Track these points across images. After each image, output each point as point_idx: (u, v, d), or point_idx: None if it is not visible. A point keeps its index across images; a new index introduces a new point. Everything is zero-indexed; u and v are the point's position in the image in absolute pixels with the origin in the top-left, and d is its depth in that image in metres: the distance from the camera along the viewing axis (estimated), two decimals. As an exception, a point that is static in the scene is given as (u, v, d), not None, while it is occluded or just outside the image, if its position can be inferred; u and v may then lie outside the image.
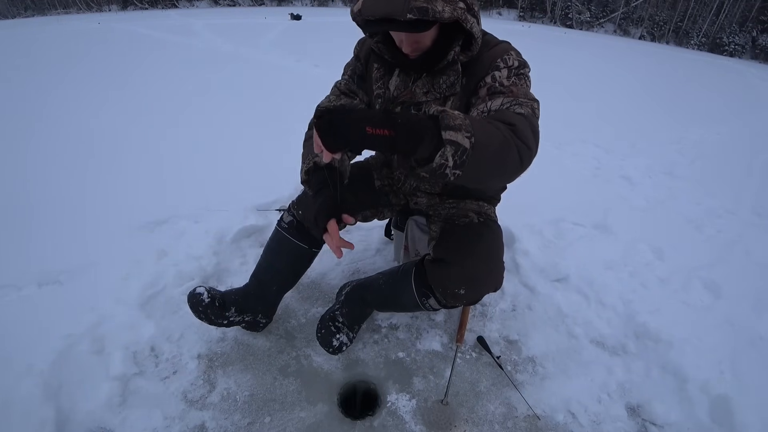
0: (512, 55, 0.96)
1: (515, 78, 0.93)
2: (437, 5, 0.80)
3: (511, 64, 0.94)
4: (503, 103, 0.86)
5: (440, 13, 0.80)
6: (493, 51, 0.97)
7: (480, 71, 0.96)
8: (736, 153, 3.57)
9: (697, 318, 1.52)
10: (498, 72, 0.94)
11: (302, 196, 1.26)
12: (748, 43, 19.68)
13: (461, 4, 0.84)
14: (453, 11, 0.82)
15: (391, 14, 0.80)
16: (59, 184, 2.20)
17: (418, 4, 0.78)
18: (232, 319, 1.25)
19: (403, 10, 0.78)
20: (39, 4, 24.21)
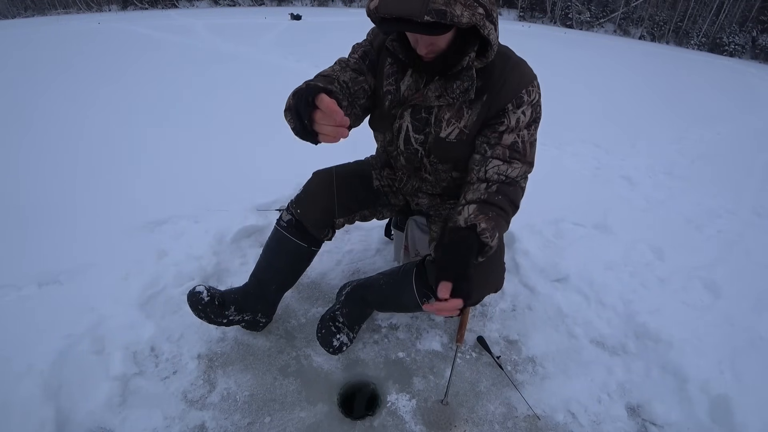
0: (535, 86, 0.99)
1: (533, 128, 1.00)
2: (456, 9, 0.78)
3: (533, 99, 0.98)
4: (518, 175, 0.99)
5: (459, 17, 0.78)
6: (519, 75, 0.97)
7: (505, 95, 0.97)
8: (736, 153, 3.57)
9: (697, 318, 1.52)
10: (523, 115, 0.97)
11: (301, 194, 1.26)
12: (748, 43, 19.67)
13: (480, 10, 0.82)
14: (472, 16, 0.80)
15: (409, 14, 0.78)
16: (59, 184, 2.20)
17: (436, 7, 0.77)
18: (232, 318, 1.25)
19: (421, 12, 0.77)
20: (39, 4, 24.20)
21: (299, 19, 13.58)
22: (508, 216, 0.96)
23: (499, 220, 0.92)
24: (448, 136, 1.04)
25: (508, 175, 0.98)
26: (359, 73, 1.07)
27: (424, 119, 1.06)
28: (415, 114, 1.06)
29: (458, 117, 1.02)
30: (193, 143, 2.84)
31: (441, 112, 1.03)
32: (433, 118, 1.04)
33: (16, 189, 2.15)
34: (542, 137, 3.71)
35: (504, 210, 0.94)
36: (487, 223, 0.87)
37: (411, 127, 1.08)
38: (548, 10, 23.34)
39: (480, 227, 0.86)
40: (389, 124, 1.11)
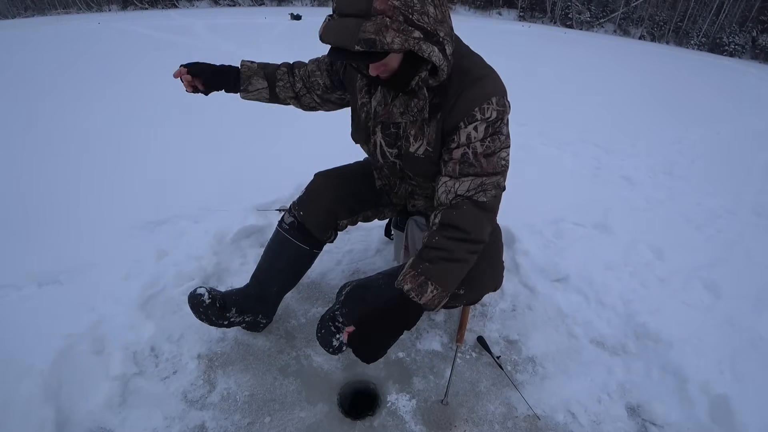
0: (492, 103, 0.92)
1: (489, 140, 0.93)
2: (386, 36, 0.76)
3: (489, 116, 0.92)
4: (469, 189, 0.94)
5: (389, 44, 0.77)
6: (473, 93, 0.92)
7: (456, 113, 0.93)
8: (736, 153, 3.57)
9: (697, 318, 1.52)
10: (474, 131, 0.92)
11: (303, 196, 1.26)
12: (748, 43, 19.67)
13: (416, 33, 0.80)
14: (404, 42, 0.78)
15: (342, 45, 0.79)
16: (59, 184, 2.20)
17: (366, 36, 0.76)
18: (233, 320, 1.25)
19: (351, 42, 0.77)
20: (39, 4, 24.20)
21: (299, 19, 13.59)
22: (454, 253, 0.93)
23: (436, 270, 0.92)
24: (416, 152, 1.04)
25: (456, 191, 0.94)
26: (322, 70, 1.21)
27: (393, 134, 1.07)
28: (384, 130, 1.08)
29: (422, 134, 1.02)
30: (193, 143, 2.84)
31: (408, 128, 1.03)
32: (401, 132, 1.05)
33: (16, 189, 2.14)
34: (542, 137, 3.71)
35: (444, 250, 0.92)
36: (412, 283, 0.91)
37: (383, 142, 1.10)
38: (548, 10, 23.34)
39: (405, 290, 0.92)
40: (366, 137, 1.13)
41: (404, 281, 0.92)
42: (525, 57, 7.70)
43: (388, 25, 0.77)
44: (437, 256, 0.92)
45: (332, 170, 1.30)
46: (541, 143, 3.23)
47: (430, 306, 0.92)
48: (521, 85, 5.32)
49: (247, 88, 1.22)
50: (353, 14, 0.78)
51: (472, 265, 0.97)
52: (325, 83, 1.22)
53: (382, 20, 0.77)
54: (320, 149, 1.59)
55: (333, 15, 0.83)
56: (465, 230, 0.92)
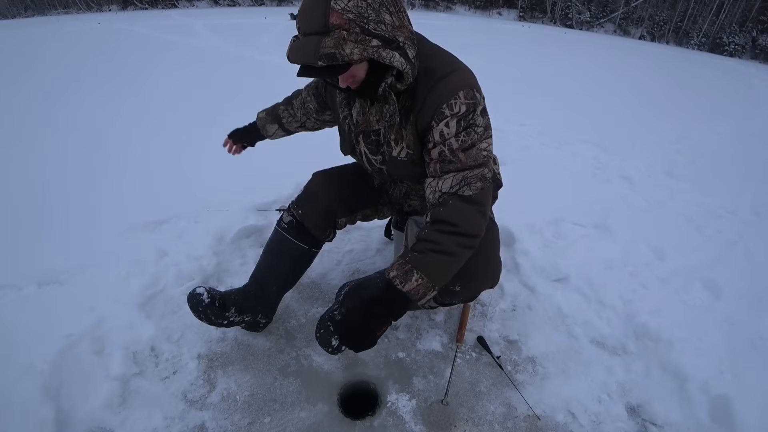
0: (459, 98, 0.92)
1: (464, 134, 0.93)
2: (345, 48, 0.80)
3: (458, 111, 0.92)
4: (452, 185, 0.94)
5: (349, 56, 0.80)
6: (438, 90, 0.93)
7: (426, 114, 0.95)
8: (736, 153, 3.57)
9: (697, 318, 1.52)
10: (446, 128, 0.93)
11: (302, 195, 1.26)
12: (748, 43, 19.66)
13: (374, 42, 0.83)
14: (363, 51, 0.81)
15: (305, 62, 0.82)
16: (59, 184, 2.20)
17: (326, 51, 0.79)
18: (232, 320, 1.25)
19: (314, 58, 0.80)
20: (39, 4, 24.16)
21: (299, 19, 13.56)
22: (442, 245, 0.92)
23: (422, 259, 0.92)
24: (399, 155, 1.05)
25: (441, 190, 0.95)
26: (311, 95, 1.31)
27: (375, 141, 1.09)
28: (366, 138, 1.10)
29: (400, 137, 1.03)
30: (194, 143, 2.84)
31: (387, 133, 1.05)
32: (382, 139, 1.07)
33: (16, 189, 2.15)
34: (542, 137, 3.70)
35: (432, 242, 0.93)
36: (398, 270, 0.93)
37: (367, 150, 1.11)
38: (548, 10, 23.33)
39: (390, 276, 0.93)
40: (351, 147, 1.15)
41: (391, 269, 0.94)
42: (525, 57, 7.70)
43: (345, 38, 0.80)
44: (425, 247, 0.93)
45: (331, 169, 1.30)
46: (541, 143, 3.24)
47: (414, 295, 0.92)
48: (521, 85, 5.33)
49: (268, 134, 1.46)
50: (313, 32, 0.81)
51: (465, 259, 0.96)
52: (315, 107, 1.31)
53: (340, 34, 0.80)
54: (320, 149, 1.59)
55: (297, 36, 0.86)
56: (453, 224, 0.93)
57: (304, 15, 0.83)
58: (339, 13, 0.79)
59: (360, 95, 0.99)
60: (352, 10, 0.80)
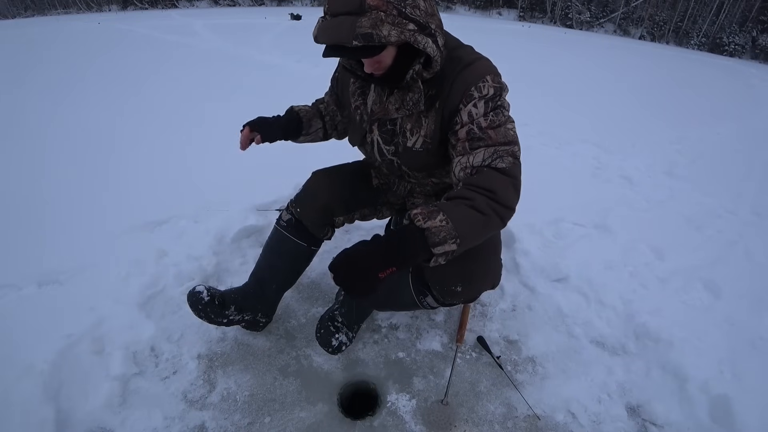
0: (487, 81, 0.93)
1: (492, 114, 0.92)
2: (383, 30, 0.79)
3: (486, 93, 0.92)
4: (484, 158, 0.90)
5: (386, 37, 0.79)
6: (466, 75, 0.93)
7: (454, 98, 0.94)
8: (736, 153, 3.57)
9: (697, 318, 1.52)
10: (474, 108, 0.92)
11: (300, 194, 1.26)
12: (748, 43, 19.67)
13: (411, 26, 0.83)
14: (400, 34, 0.81)
15: (338, 42, 0.81)
16: (59, 184, 2.20)
17: (362, 31, 0.78)
18: (232, 318, 1.25)
19: (348, 38, 0.79)
20: (39, 4, 24.18)
21: (299, 19, 13.58)
22: (475, 201, 0.84)
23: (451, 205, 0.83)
24: (414, 145, 1.05)
25: (472, 164, 0.91)
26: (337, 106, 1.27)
27: (390, 131, 1.08)
28: (381, 127, 1.09)
29: (418, 126, 1.02)
30: (194, 143, 2.84)
31: (404, 123, 1.04)
32: (398, 129, 1.06)
33: (16, 189, 2.14)
34: (542, 137, 3.70)
35: (465, 198, 0.85)
36: (422, 210, 0.81)
37: (380, 139, 1.11)
38: (548, 10, 23.33)
39: (412, 214, 0.81)
40: (362, 137, 1.14)
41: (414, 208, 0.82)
42: (525, 57, 7.70)
43: (383, 19, 0.79)
44: (457, 201, 0.85)
45: (330, 168, 1.30)
46: (541, 143, 3.23)
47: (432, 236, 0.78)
48: (521, 85, 5.33)
49: (308, 130, 1.26)
50: (347, 12, 0.80)
51: (493, 229, 0.87)
52: (335, 108, 1.29)
53: (377, 15, 0.79)
54: (320, 149, 1.59)
55: (325, 16, 0.84)
56: (489, 189, 0.86)
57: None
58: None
59: (383, 82, 0.97)
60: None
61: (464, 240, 0.81)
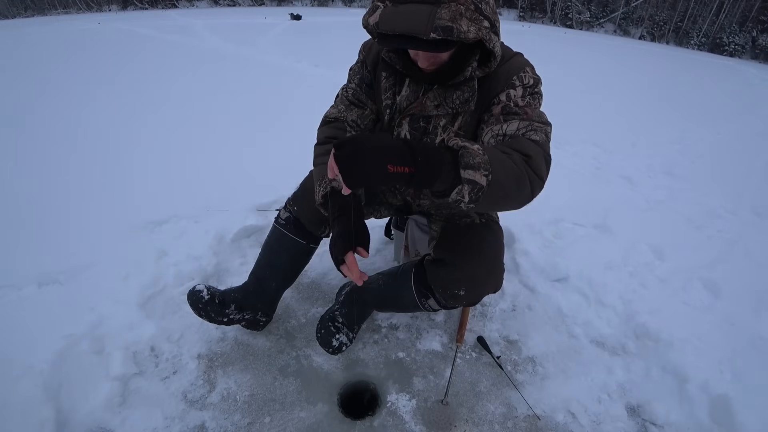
0: (528, 72, 0.94)
1: (530, 98, 0.92)
2: (462, 24, 0.75)
3: (527, 82, 0.93)
4: (519, 128, 0.86)
5: (465, 33, 0.76)
6: (509, 66, 0.94)
7: (495, 87, 0.94)
8: (736, 153, 3.57)
9: (697, 318, 1.52)
10: (513, 90, 0.92)
11: (298, 192, 1.26)
12: (748, 43, 19.68)
13: (486, 23, 0.80)
14: (478, 31, 0.78)
15: (414, 32, 0.74)
16: (59, 184, 2.20)
17: (442, 23, 0.73)
18: (232, 317, 1.25)
19: (427, 29, 0.73)
20: (39, 4, 24.20)
21: (299, 19, 13.59)
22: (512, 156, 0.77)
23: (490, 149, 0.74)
24: None
25: (505, 132, 0.87)
26: (362, 105, 1.13)
27: (422, 128, 1.05)
28: (413, 123, 1.05)
29: (452, 122, 1.01)
30: (193, 143, 2.84)
31: (437, 120, 1.02)
32: (430, 127, 1.04)
33: (15, 189, 2.14)
34: (542, 137, 3.66)
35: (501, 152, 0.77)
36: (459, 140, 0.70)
37: (409, 135, 1.07)
38: (548, 10, 23.34)
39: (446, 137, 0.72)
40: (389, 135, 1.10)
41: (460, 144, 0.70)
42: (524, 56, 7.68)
43: (462, 13, 0.75)
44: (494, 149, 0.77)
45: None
46: (541, 143, 3.23)
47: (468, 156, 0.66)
48: (521, 85, 5.33)
49: None
50: (421, 1, 0.75)
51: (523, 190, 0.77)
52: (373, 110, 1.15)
53: (457, 7, 0.75)
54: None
55: (386, 3, 0.78)
56: (526, 154, 0.79)
57: None
58: None
59: (432, 80, 0.94)
60: None
61: (495, 180, 0.69)
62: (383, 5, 0.79)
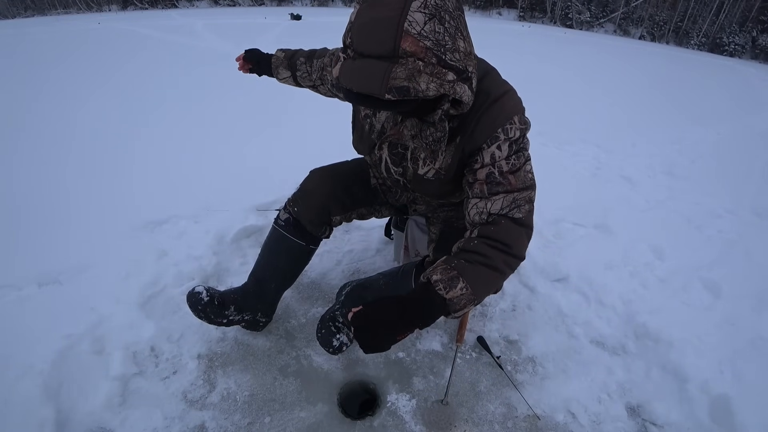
0: (515, 123, 0.89)
1: (514, 158, 0.89)
2: (420, 83, 0.69)
3: (512, 135, 0.89)
4: (503, 207, 0.89)
5: (423, 92, 0.70)
6: (494, 114, 0.88)
7: (479, 137, 0.89)
8: (736, 153, 3.57)
9: (697, 318, 1.52)
10: (498, 150, 0.88)
11: (298, 193, 1.26)
12: (748, 43, 19.68)
13: (450, 76, 0.73)
14: (440, 87, 0.72)
15: (369, 92, 0.71)
16: (59, 184, 2.20)
17: (397, 83, 0.68)
18: (232, 318, 1.25)
19: (381, 90, 0.69)
20: (39, 4, 24.17)
21: (299, 19, 13.59)
22: (492, 260, 0.84)
23: (470, 268, 0.83)
24: (426, 174, 1.02)
25: (489, 211, 0.89)
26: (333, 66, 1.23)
27: (400, 154, 1.05)
28: (391, 148, 1.05)
29: (433, 159, 0.98)
30: (193, 143, 2.84)
31: (417, 151, 1.00)
32: (409, 154, 1.03)
33: (15, 189, 2.14)
34: (542, 137, 3.71)
35: (482, 255, 0.84)
36: (443, 275, 0.81)
37: (389, 159, 1.08)
38: (548, 10, 23.34)
39: (432, 279, 0.81)
40: (369, 149, 1.11)
41: (433, 272, 0.82)
42: (525, 57, 7.70)
43: (420, 70, 0.69)
44: (474, 258, 0.84)
45: (328, 167, 1.30)
46: (541, 143, 3.23)
47: (455, 305, 0.81)
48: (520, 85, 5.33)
49: (278, 77, 1.42)
50: (377, 56, 0.69)
51: (504, 281, 0.92)
52: (333, 80, 1.26)
53: (415, 64, 0.69)
54: (321, 149, 1.60)
55: (348, 52, 0.74)
56: (506, 244, 0.86)
57: (365, 31, 0.71)
58: (414, 39, 0.67)
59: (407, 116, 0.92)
60: (429, 37, 0.68)
61: (480, 300, 0.86)
62: (344, 57, 0.75)
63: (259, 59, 1.44)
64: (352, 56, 0.73)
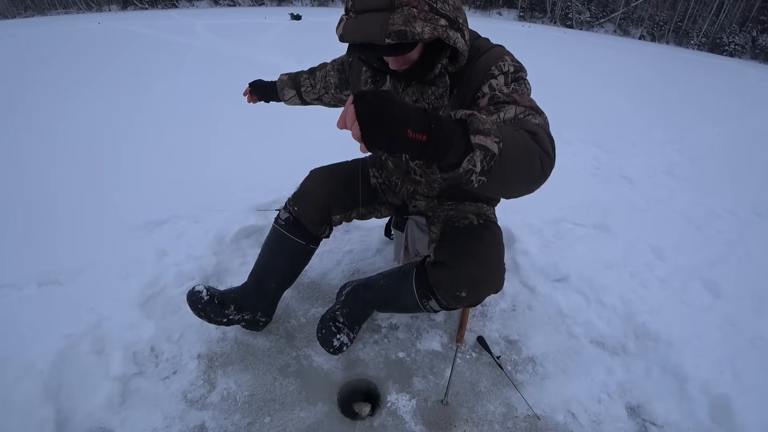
0: (507, 60, 0.93)
1: (514, 84, 0.90)
2: (416, 26, 0.78)
3: (507, 69, 0.91)
4: (516, 113, 0.83)
5: (419, 34, 0.78)
6: (486, 57, 0.94)
7: (474, 80, 0.94)
8: (736, 153, 3.57)
9: (697, 318, 1.52)
10: (494, 80, 0.91)
11: (298, 192, 1.27)
12: (748, 43, 19.68)
13: (443, 21, 0.82)
14: (433, 30, 0.80)
15: (369, 40, 0.79)
16: (59, 184, 2.20)
17: (395, 28, 0.77)
18: (232, 318, 1.25)
19: (381, 36, 0.77)
20: (39, 4, 24.19)
21: (299, 19, 13.60)
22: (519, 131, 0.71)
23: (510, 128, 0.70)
24: None
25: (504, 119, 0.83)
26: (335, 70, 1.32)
27: None
28: None
29: None
30: (194, 143, 2.84)
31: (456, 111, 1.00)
32: None
33: (16, 189, 2.14)
34: (542, 137, 3.68)
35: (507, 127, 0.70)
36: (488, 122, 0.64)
37: None
38: (548, 10, 23.35)
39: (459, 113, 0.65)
40: None
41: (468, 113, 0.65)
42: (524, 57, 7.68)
43: (415, 15, 0.78)
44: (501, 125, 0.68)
45: (327, 167, 1.30)
46: (541, 143, 3.24)
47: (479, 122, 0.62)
48: (521, 85, 5.33)
49: (284, 98, 1.48)
50: (376, 9, 0.78)
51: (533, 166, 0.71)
52: (336, 82, 1.32)
53: (409, 11, 0.78)
54: (321, 149, 1.60)
55: (349, 14, 0.82)
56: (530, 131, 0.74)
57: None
58: None
59: (405, 77, 0.96)
60: None
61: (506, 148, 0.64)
62: (347, 17, 0.83)
63: (264, 88, 1.49)
64: (354, 16, 0.81)
